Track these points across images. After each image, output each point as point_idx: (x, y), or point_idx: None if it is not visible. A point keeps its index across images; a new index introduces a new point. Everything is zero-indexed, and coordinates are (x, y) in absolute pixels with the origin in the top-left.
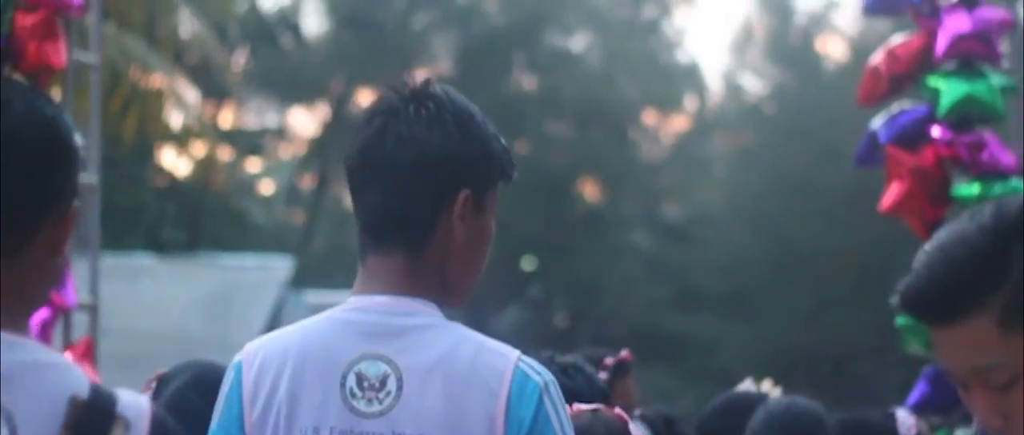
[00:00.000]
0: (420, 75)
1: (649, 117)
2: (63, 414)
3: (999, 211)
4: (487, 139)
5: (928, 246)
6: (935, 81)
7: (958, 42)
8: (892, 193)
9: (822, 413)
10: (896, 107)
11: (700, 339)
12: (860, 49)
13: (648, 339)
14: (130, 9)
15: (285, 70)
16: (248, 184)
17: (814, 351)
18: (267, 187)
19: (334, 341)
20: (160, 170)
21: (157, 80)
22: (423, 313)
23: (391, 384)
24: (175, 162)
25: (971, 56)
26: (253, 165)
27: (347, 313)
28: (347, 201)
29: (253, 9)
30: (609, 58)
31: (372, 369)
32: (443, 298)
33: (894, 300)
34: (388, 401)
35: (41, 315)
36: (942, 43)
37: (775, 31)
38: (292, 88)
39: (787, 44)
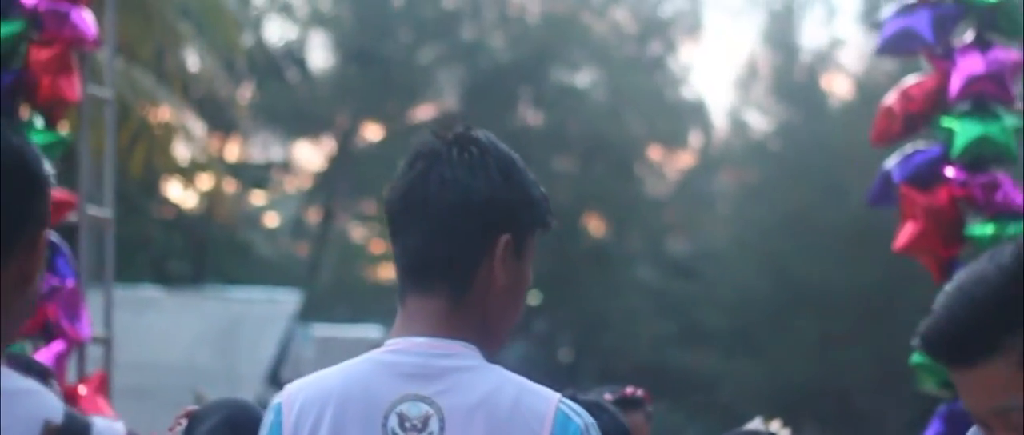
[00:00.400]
0: (426, 111)
1: (654, 153)
2: None
3: (1019, 252)
4: (528, 185)
5: (948, 287)
6: (949, 122)
7: (972, 83)
8: (906, 233)
9: None
10: (910, 147)
11: (704, 374)
12: (865, 87)
13: (653, 374)
14: (139, 43)
15: (291, 104)
16: (254, 217)
17: (819, 387)
18: (272, 220)
19: (375, 383)
20: (166, 203)
21: (165, 113)
22: (464, 355)
23: (433, 425)
24: (181, 195)
25: (985, 97)
26: (258, 198)
27: (388, 355)
28: (353, 234)
29: (259, 43)
30: (614, 94)
31: (414, 410)
32: (482, 341)
33: (915, 341)
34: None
35: (56, 348)
36: (956, 84)
37: (780, 68)
38: (298, 122)
39: (792, 81)
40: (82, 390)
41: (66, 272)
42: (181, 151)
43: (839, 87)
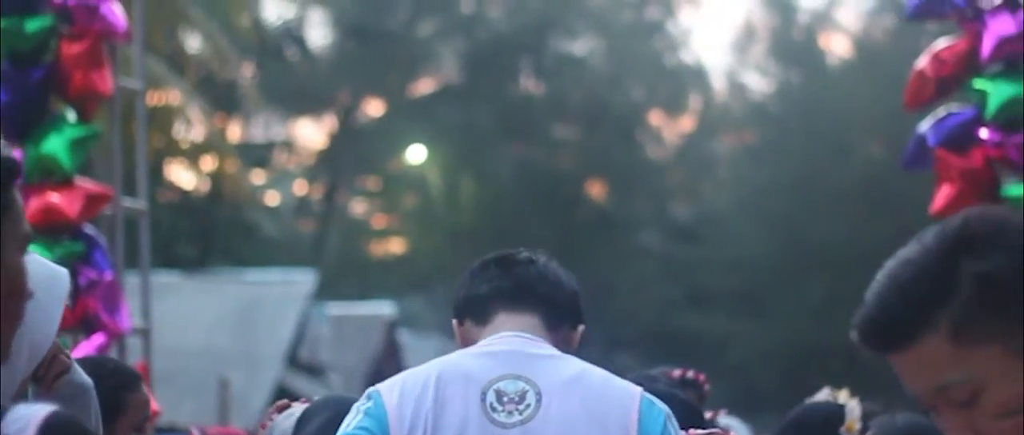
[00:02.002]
0: (427, 84)
1: (655, 118)
2: None
3: (942, 229)
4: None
5: (878, 276)
6: (982, 84)
7: (1004, 44)
8: (942, 196)
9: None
10: (943, 110)
11: (711, 337)
12: (864, 45)
13: (660, 338)
14: (153, 33)
15: (291, 83)
16: (257, 197)
17: (826, 346)
18: (276, 199)
19: (473, 367)
20: (170, 187)
21: (174, 97)
22: (552, 349)
23: (530, 398)
24: (184, 177)
25: (1017, 58)
26: (261, 178)
27: (481, 348)
28: (356, 210)
29: (258, 23)
30: (614, 60)
31: (511, 386)
32: None
33: (852, 335)
34: (528, 412)
35: (97, 341)
36: (988, 45)
37: (778, 29)
38: (299, 100)
39: (790, 42)
40: None
41: (104, 265)
42: (186, 133)
43: (838, 46)
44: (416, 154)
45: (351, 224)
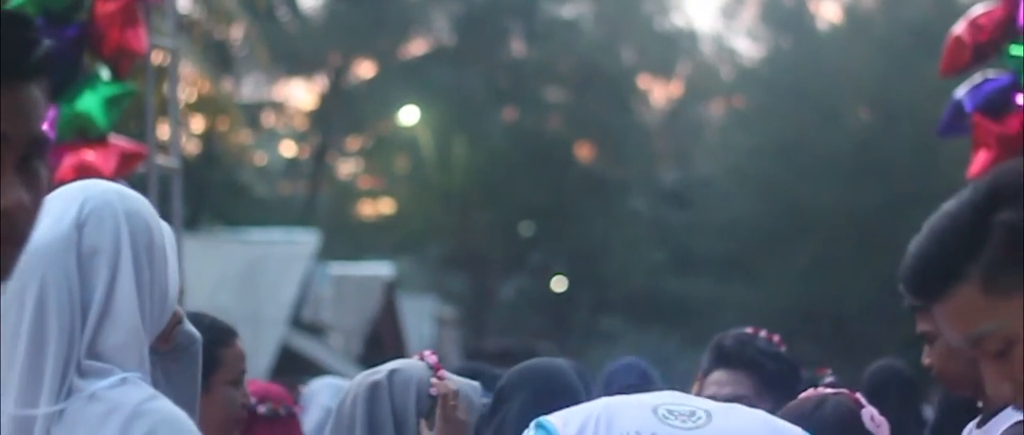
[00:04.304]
0: (419, 46)
1: (644, 82)
2: None
3: (979, 183)
4: None
5: (923, 227)
6: (1018, 50)
7: None
8: (979, 161)
9: None
10: (979, 77)
11: (700, 302)
12: (854, 11)
13: (648, 303)
14: None
15: (283, 43)
16: (249, 158)
17: (814, 310)
18: (263, 160)
19: (635, 397)
20: (161, 146)
21: (160, 57)
22: None
23: (700, 414)
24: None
25: None
26: (247, 138)
27: None
28: (344, 171)
29: None
30: (605, 24)
31: (680, 408)
32: None
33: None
34: (701, 423)
35: None
36: None
37: None
38: (290, 61)
39: (781, 7)
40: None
41: None
42: (178, 93)
43: (828, 12)
44: (409, 115)
45: (340, 186)
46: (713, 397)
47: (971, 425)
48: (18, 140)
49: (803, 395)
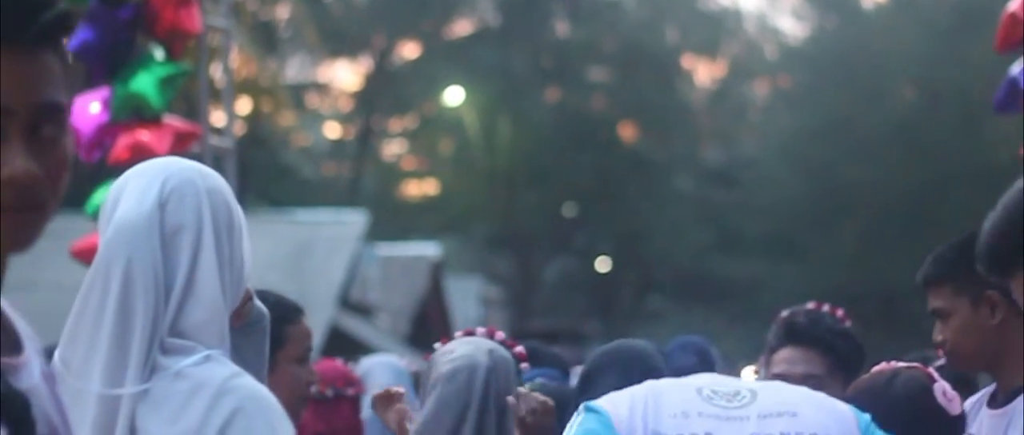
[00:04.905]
0: (463, 27)
1: (689, 62)
2: None
3: None
4: None
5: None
6: None
7: None
8: None
9: None
10: None
11: (744, 281)
12: None
13: (693, 283)
14: None
15: (328, 24)
16: (294, 139)
17: (860, 290)
18: (310, 141)
19: (679, 380)
20: (213, 127)
21: (211, 38)
22: None
23: (745, 394)
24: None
25: None
26: (289, 120)
27: None
28: (388, 152)
29: None
30: (649, 4)
31: (724, 388)
32: None
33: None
34: (745, 401)
35: None
36: None
37: None
38: (335, 42)
39: None
40: None
41: None
42: (222, 75)
43: None
44: (454, 96)
45: (385, 167)
46: (783, 376)
47: (972, 399)
48: (25, 110)
49: (875, 368)
